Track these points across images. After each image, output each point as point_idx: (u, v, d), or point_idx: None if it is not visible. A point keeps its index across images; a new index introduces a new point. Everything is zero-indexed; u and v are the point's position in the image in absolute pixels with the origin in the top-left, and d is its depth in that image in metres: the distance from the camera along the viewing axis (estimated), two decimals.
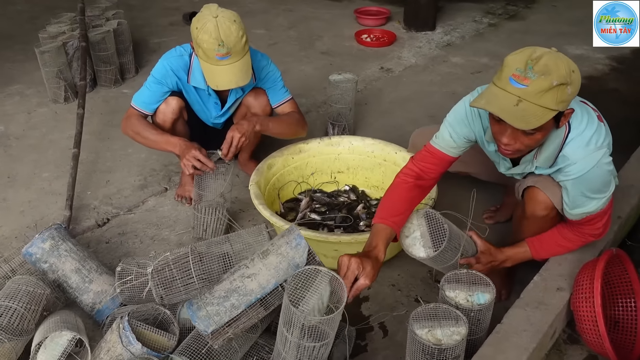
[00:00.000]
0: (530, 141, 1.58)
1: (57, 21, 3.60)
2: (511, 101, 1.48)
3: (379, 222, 1.76)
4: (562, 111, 1.53)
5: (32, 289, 1.75)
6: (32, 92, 3.55)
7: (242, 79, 2.15)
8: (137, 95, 2.35)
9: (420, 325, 1.56)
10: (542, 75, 1.45)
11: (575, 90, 1.51)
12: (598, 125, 1.67)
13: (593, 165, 1.62)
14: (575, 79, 1.50)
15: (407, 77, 3.80)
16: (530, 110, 1.47)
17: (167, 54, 2.34)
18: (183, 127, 2.45)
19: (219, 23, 2.06)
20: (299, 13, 5.00)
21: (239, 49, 2.10)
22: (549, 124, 1.52)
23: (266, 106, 2.44)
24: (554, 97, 1.46)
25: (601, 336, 1.64)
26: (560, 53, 1.53)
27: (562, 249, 1.87)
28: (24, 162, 2.87)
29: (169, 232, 2.40)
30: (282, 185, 2.48)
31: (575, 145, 1.63)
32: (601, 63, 3.93)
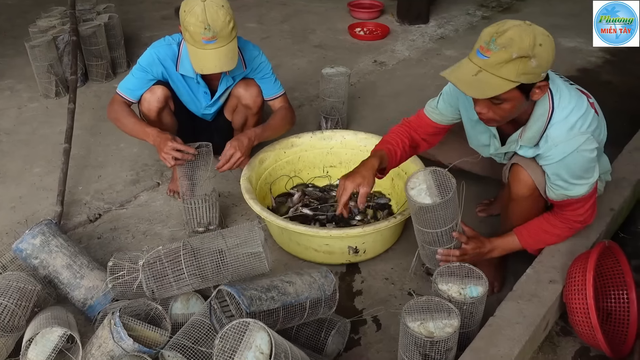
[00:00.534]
0: (500, 111, 1.64)
1: (47, 15, 3.56)
2: (471, 71, 1.56)
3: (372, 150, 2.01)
4: (529, 84, 1.57)
5: (23, 285, 1.74)
6: (22, 87, 3.52)
7: (228, 64, 2.15)
8: (122, 82, 2.35)
9: (413, 318, 1.56)
10: (503, 47, 1.51)
11: (541, 64, 1.54)
12: (586, 112, 1.70)
13: (573, 150, 1.66)
14: (540, 52, 1.52)
15: (401, 71, 3.79)
16: (487, 80, 1.54)
17: (155, 42, 2.34)
18: (170, 118, 2.43)
19: (207, 7, 2.06)
20: (292, 7, 4.97)
21: (226, 34, 2.10)
22: (514, 95, 1.58)
23: (257, 97, 2.43)
24: (514, 69, 1.52)
25: (593, 328, 1.65)
26: (534, 26, 1.57)
27: (550, 236, 1.86)
28: (15, 157, 2.85)
29: (161, 227, 2.39)
30: (274, 179, 2.47)
31: (559, 128, 1.68)
32: (594, 56, 3.93)
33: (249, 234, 1.75)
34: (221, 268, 1.71)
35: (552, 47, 1.57)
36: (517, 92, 1.58)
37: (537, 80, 1.58)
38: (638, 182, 2.23)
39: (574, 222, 1.81)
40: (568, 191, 1.73)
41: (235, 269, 1.71)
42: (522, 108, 1.68)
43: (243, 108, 2.47)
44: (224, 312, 1.57)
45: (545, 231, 1.85)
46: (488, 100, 1.62)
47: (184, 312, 1.79)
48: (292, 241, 2.14)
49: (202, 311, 1.66)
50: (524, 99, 1.62)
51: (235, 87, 2.44)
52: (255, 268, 1.73)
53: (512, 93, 1.57)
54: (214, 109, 2.52)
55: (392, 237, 2.20)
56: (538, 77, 1.57)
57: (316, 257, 2.13)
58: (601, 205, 2.07)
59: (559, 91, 1.71)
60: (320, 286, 1.68)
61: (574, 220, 1.81)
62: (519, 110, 1.67)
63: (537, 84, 1.60)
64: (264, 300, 1.54)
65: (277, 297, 1.57)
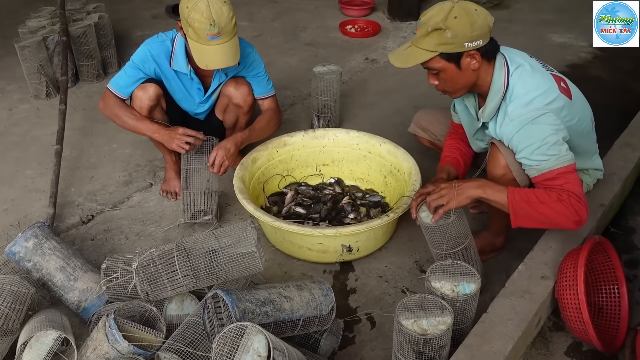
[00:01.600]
0: (443, 81, 1.84)
1: (36, 15, 3.54)
2: (404, 47, 1.85)
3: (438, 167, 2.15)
4: (455, 53, 1.74)
5: (17, 289, 1.74)
6: (13, 88, 3.50)
7: (232, 59, 2.17)
8: (114, 78, 2.36)
9: (407, 316, 1.57)
10: (423, 24, 1.76)
11: (457, 34, 1.71)
12: (548, 91, 1.78)
13: (528, 122, 1.74)
14: (454, 24, 1.70)
15: (392, 68, 3.76)
16: (412, 52, 1.80)
17: (149, 39, 2.35)
18: (161, 116, 2.43)
19: (211, 3, 2.07)
20: (283, 4, 4.96)
21: (230, 29, 2.12)
22: (444, 65, 1.77)
23: (247, 96, 2.44)
24: (431, 40, 1.74)
25: (585, 323, 1.66)
26: (460, 3, 1.74)
27: (537, 200, 1.70)
28: (6, 159, 2.84)
29: (154, 228, 2.39)
30: (266, 178, 2.47)
31: (516, 104, 1.78)
32: (584, 51, 3.95)
33: (242, 234, 1.75)
34: (215, 268, 1.71)
35: (472, 20, 1.71)
36: (443, 61, 1.77)
37: (461, 50, 1.74)
38: (628, 177, 2.26)
39: (561, 191, 1.69)
40: (535, 165, 1.74)
41: (229, 268, 1.72)
42: (468, 77, 1.81)
43: (234, 107, 2.47)
44: (216, 314, 1.58)
45: (534, 193, 1.72)
46: (431, 74, 1.85)
47: (179, 313, 1.79)
48: (285, 240, 2.14)
49: (197, 312, 1.66)
50: (455, 68, 1.78)
51: (225, 85, 2.44)
52: (249, 267, 1.74)
53: (439, 63, 1.78)
54: (206, 106, 2.52)
55: (385, 235, 2.21)
56: (460, 47, 1.73)
57: (310, 256, 2.14)
58: (592, 200, 2.09)
59: (519, 69, 1.81)
60: (318, 305, 1.68)
61: (561, 189, 1.69)
62: (464, 79, 1.81)
63: (465, 53, 1.75)
64: (257, 315, 1.54)
65: (271, 312, 1.58)
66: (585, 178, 2.08)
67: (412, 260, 2.20)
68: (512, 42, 1.99)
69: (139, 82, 2.32)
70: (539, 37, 4.16)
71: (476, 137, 2.07)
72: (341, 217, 2.35)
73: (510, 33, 4.15)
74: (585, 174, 2.08)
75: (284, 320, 1.61)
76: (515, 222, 1.74)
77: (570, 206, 1.67)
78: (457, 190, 1.76)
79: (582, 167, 2.06)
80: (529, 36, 4.16)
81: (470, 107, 2.00)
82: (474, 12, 1.72)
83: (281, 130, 2.55)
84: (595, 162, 2.09)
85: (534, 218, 1.72)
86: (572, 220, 1.69)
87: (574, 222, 1.70)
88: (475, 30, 1.71)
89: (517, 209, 1.72)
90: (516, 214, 1.72)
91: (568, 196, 1.68)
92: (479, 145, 2.10)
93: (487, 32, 1.76)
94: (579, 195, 1.69)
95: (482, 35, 1.74)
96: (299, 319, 1.64)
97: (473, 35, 1.72)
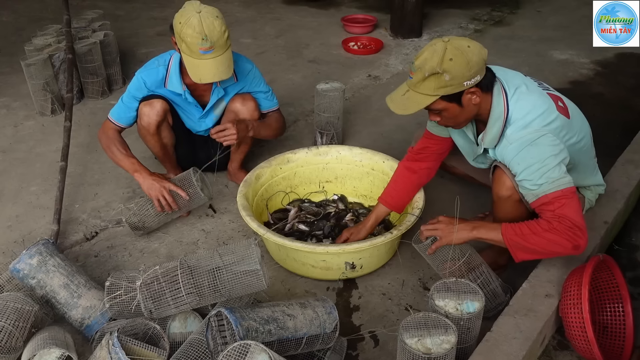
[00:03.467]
0: (446, 119, 1.83)
1: (43, 33, 3.58)
2: (402, 92, 1.81)
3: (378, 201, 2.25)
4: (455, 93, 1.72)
5: (20, 306, 1.74)
6: (18, 104, 3.53)
7: (225, 72, 2.20)
8: (113, 108, 2.41)
9: (410, 335, 1.57)
10: (419, 68, 1.72)
11: (456, 76, 1.69)
12: (546, 112, 1.78)
13: (527, 144, 1.73)
14: (451, 67, 1.68)
15: (395, 85, 3.81)
16: (412, 98, 1.77)
17: (145, 66, 2.39)
18: (168, 132, 2.47)
19: (203, 18, 2.10)
20: (286, 21, 5.01)
21: (222, 43, 2.15)
22: (445, 105, 1.76)
23: (254, 111, 2.47)
24: (430, 85, 1.71)
25: (590, 342, 1.66)
26: (452, 41, 1.71)
27: (529, 232, 1.70)
28: (11, 175, 2.85)
29: (158, 244, 2.39)
30: (270, 195, 2.48)
31: (515, 127, 1.78)
32: (586, 68, 3.98)
33: (245, 252, 1.75)
34: (218, 286, 1.71)
35: (468, 59, 1.68)
36: (445, 102, 1.76)
37: (461, 89, 1.72)
38: (631, 194, 2.26)
39: (552, 218, 1.68)
40: (533, 189, 1.72)
41: (233, 286, 1.72)
42: (470, 112, 1.80)
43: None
44: (219, 332, 1.58)
45: (527, 225, 1.71)
46: (432, 113, 1.83)
47: (182, 330, 1.78)
48: (289, 257, 2.14)
49: (200, 330, 1.66)
50: (457, 107, 1.77)
51: (231, 102, 2.46)
52: (253, 285, 1.74)
53: (441, 104, 1.76)
54: (208, 122, 2.54)
55: (388, 252, 2.21)
56: (460, 87, 1.72)
57: (313, 273, 2.14)
58: (595, 218, 2.10)
59: (517, 94, 1.81)
60: (322, 323, 1.68)
61: (552, 216, 1.68)
62: (466, 114, 1.81)
63: (465, 91, 1.73)
64: (260, 333, 1.54)
65: (275, 331, 1.57)
66: (587, 194, 2.08)
67: (416, 278, 2.19)
68: (514, 60, 2.02)
69: (135, 110, 2.37)
70: (540, 54, 4.19)
71: (477, 161, 2.06)
72: None
73: (511, 50, 4.19)
74: (587, 190, 2.09)
75: (288, 339, 1.60)
76: (515, 256, 1.76)
77: (563, 233, 1.66)
78: (451, 227, 1.82)
79: (584, 184, 2.07)
80: (530, 53, 4.19)
81: (468, 132, 1.99)
82: (468, 49, 1.69)
83: (284, 147, 2.56)
84: (595, 178, 2.10)
85: (531, 250, 1.72)
86: (568, 247, 1.67)
87: (571, 247, 1.67)
88: (472, 68, 1.70)
89: (512, 244, 1.73)
90: (513, 249, 1.74)
91: (559, 222, 1.66)
92: (480, 167, 2.10)
93: (483, 65, 1.74)
94: (572, 219, 1.66)
95: (479, 70, 1.72)
96: (302, 337, 1.63)
97: (470, 73, 1.70)
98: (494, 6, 5.28)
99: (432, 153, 2.17)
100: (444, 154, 2.20)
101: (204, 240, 2.41)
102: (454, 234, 1.81)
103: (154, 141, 2.45)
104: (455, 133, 2.06)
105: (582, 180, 2.04)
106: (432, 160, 2.19)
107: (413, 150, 2.21)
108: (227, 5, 5.30)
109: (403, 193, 2.22)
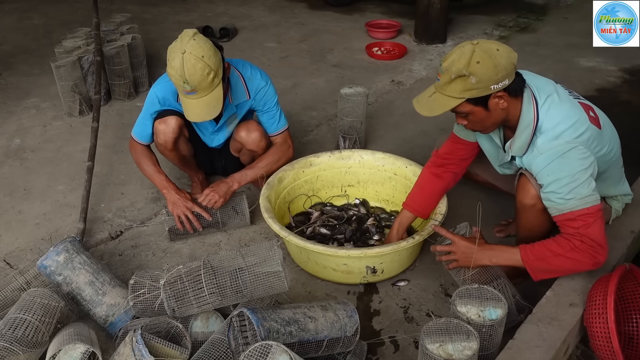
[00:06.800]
0: (473, 123, 1.82)
1: (72, 36, 3.66)
2: (429, 94, 1.80)
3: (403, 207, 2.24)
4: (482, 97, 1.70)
5: (47, 302, 1.77)
6: (47, 105, 3.60)
7: (209, 114, 2.12)
8: (135, 126, 2.43)
9: (432, 340, 1.56)
10: (446, 70, 1.71)
11: (482, 79, 1.67)
12: (577, 122, 1.74)
13: (558, 156, 1.70)
14: (477, 70, 1.66)
15: (418, 90, 3.78)
16: (438, 100, 1.76)
17: (159, 80, 2.38)
18: (185, 145, 2.49)
19: (185, 60, 2.02)
20: (310, 26, 5.04)
21: (205, 85, 2.06)
22: (471, 109, 1.75)
23: (260, 141, 2.44)
24: (456, 87, 1.70)
25: (615, 353, 1.63)
26: (481, 44, 1.69)
27: (551, 255, 1.72)
28: (40, 174, 2.92)
29: (181, 245, 2.42)
30: (292, 198, 2.49)
31: (545, 137, 1.75)
32: (613, 75, 3.92)
33: (268, 253, 1.77)
34: (241, 286, 1.73)
35: (495, 62, 1.66)
36: (471, 106, 1.74)
37: (487, 93, 1.70)
38: None
39: (573, 237, 1.69)
40: (560, 204, 1.71)
41: (255, 287, 1.73)
42: (497, 116, 1.79)
43: (248, 152, 2.51)
44: (241, 332, 1.59)
45: (547, 247, 1.73)
46: (459, 116, 1.82)
47: (204, 330, 1.80)
48: (310, 260, 2.15)
49: (222, 329, 1.67)
50: (483, 110, 1.76)
51: (236, 130, 2.46)
52: (275, 287, 1.75)
53: (467, 107, 1.75)
54: (221, 137, 2.55)
55: (410, 257, 2.20)
56: (486, 90, 1.70)
57: (334, 277, 2.14)
58: (621, 227, 2.06)
59: (547, 102, 1.78)
60: (343, 326, 1.68)
61: (575, 234, 1.69)
62: (494, 118, 1.79)
63: (492, 95, 1.71)
64: (282, 334, 1.55)
65: (296, 332, 1.58)
66: (614, 204, 2.05)
67: (437, 284, 2.18)
68: (540, 66, 2.00)
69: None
70: (566, 60, 4.14)
71: (502, 167, 2.05)
72: (366, 238, 2.35)
73: (537, 57, 4.15)
74: (614, 200, 2.06)
75: (308, 341, 1.61)
76: (535, 278, 1.78)
77: (585, 251, 1.68)
78: (469, 253, 1.84)
79: (611, 194, 2.04)
80: (556, 59, 4.15)
81: (495, 137, 1.97)
82: (496, 52, 1.68)
83: (307, 150, 2.57)
84: (623, 188, 2.07)
85: (552, 271, 1.78)
86: (589, 264, 1.70)
87: (591, 265, 1.71)
88: (500, 72, 1.67)
89: (533, 267, 1.76)
90: (533, 272, 1.77)
91: (581, 242, 1.68)
92: (505, 172, 2.08)
93: (512, 70, 1.71)
94: (594, 238, 1.67)
95: (508, 74, 1.70)
96: (323, 340, 1.64)
97: (498, 77, 1.68)
98: (520, 12, 5.25)
99: (458, 157, 2.15)
100: (470, 159, 2.18)
101: (227, 241, 2.43)
102: (471, 260, 1.84)
103: (172, 155, 2.47)
104: (482, 137, 2.05)
105: (609, 189, 2.01)
106: (458, 165, 2.17)
107: (438, 154, 2.19)
108: (252, 9, 5.35)
109: (429, 199, 2.20)
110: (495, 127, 1.87)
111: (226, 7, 5.36)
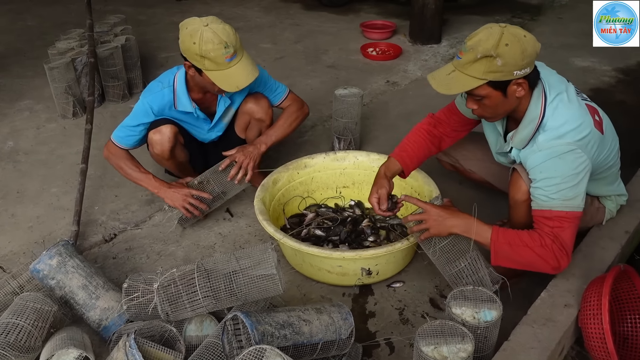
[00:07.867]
0: (485, 107, 1.78)
1: (66, 37, 3.65)
2: (447, 71, 1.75)
3: (390, 156, 2.18)
4: (503, 81, 1.67)
5: (40, 306, 1.76)
6: (41, 107, 3.59)
7: (254, 71, 2.20)
8: (117, 130, 2.40)
9: (427, 342, 1.56)
10: (470, 49, 1.66)
11: (508, 62, 1.63)
12: (581, 125, 1.73)
13: (555, 155, 1.70)
14: (505, 52, 1.63)
15: (413, 91, 3.81)
16: (457, 78, 1.71)
17: (148, 89, 2.37)
18: (182, 152, 2.48)
19: (214, 29, 2.10)
20: (305, 27, 5.03)
21: (240, 45, 2.18)
22: (490, 92, 1.70)
23: (268, 109, 2.49)
24: (480, 67, 1.66)
25: (610, 354, 1.63)
26: (509, 28, 1.67)
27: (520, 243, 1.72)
28: (33, 177, 2.90)
29: (175, 247, 2.41)
30: (287, 200, 2.49)
31: (548, 135, 1.74)
32: (608, 75, 3.93)
33: (262, 256, 1.76)
34: (235, 290, 1.72)
35: (523, 48, 1.64)
36: (490, 89, 1.70)
37: (510, 78, 1.67)
38: None
39: (546, 235, 1.70)
40: (541, 200, 1.72)
41: (249, 290, 1.72)
42: (510, 104, 1.76)
43: (256, 122, 2.51)
44: (235, 336, 1.59)
45: (518, 236, 1.73)
46: (472, 98, 1.77)
47: (198, 334, 1.79)
48: (305, 262, 2.14)
49: (216, 333, 1.66)
50: (501, 96, 1.72)
51: (244, 103, 2.48)
52: (269, 289, 1.74)
53: (485, 90, 1.70)
54: (217, 131, 2.55)
55: (405, 259, 2.20)
56: (509, 75, 1.66)
57: (329, 279, 2.13)
58: (616, 227, 2.07)
59: (556, 100, 1.77)
60: (337, 329, 1.68)
61: (548, 233, 1.70)
62: (507, 106, 1.77)
63: (513, 81, 1.68)
64: (276, 338, 1.54)
65: (290, 335, 1.58)
66: (608, 204, 2.06)
67: (432, 285, 2.18)
68: None
69: (140, 134, 2.37)
70: (561, 61, 4.14)
71: (499, 154, 2.06)
72: (361, 239, 2.34)
73: None
74: (608, 200, 2.06)
75: (303, 344, 1.60)
76: (494, 261, 1.78)
77: (552, 252, 1.69)
78: (441, 220, 1.82)
79: (605, 194, 2.04)
80: (551, 60, 4.07)
81: (498, 125, 1.97)
82: (524, 38, 1.66)
83: (302, 151, 2.56)
84: (618, 188, 2.07)
85: (514, 260, 1.77)
86: (550, 265, 1.72)
87: (552, 267, 1.73)
88: (526, 58, 1.65)
89: (498, 250, 1.76)
90: (497, 254, 1.77)
91: (552, 242, 1.69)
92: (501, 161, 2.09)
93: (535, 59, 1.70)
94: (564, 243, 1.69)
95: (530, 62, 1.68)
96: (317, 343, 1.63)
97: (523, 63, 1.65)
98: (514, 13, 5.25)
99: (451, 127, 2.16)
100: (462, 133, 2.18)
101: (221, 243, 2.42)
102: (442, 229, 1.82)
103: (169, 164, 2.48)
104: (486, 123, 2.04)
105: (602, 189, 2.01)
106: (449, 134, 2.17)
107: (434, 116, 2.19)
108: (247, 10, 5.34)
109: (417, 152, 2.17)
110: (505, 115, 1.85)
111: (221, 7, 5.35)
